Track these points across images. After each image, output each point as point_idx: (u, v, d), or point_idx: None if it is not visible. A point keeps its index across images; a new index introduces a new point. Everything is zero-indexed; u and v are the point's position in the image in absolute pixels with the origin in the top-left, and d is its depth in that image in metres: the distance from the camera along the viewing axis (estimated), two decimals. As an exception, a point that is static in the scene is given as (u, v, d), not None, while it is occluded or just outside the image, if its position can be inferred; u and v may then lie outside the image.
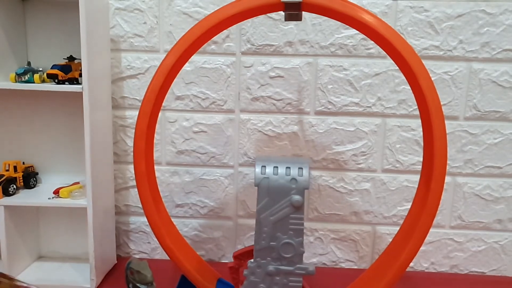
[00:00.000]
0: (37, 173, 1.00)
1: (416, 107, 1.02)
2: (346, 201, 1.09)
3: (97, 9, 0.89)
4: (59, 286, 0.91)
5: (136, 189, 1.09)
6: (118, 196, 1.10)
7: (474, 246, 1.10)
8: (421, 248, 1.09)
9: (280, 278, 0.71)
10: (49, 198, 0.91)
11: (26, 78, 0.86)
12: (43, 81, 0.90)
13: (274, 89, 1.04)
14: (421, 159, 1.03)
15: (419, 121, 1.04)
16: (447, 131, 1.04)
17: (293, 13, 0.78)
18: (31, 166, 0.99)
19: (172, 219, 1.10)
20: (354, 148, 1.06)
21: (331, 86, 1.04)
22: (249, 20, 1.01)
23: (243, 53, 1.03)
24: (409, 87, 0.99)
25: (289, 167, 0.69)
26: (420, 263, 1.12)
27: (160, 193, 1.08)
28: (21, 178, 0.95)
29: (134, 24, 1.02)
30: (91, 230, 0.90)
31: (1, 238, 0.91)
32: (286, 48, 1.02)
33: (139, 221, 1.11)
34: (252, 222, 1.11)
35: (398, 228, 1.06)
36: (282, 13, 1.00)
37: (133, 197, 1.10)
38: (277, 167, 0.69)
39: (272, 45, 1.02)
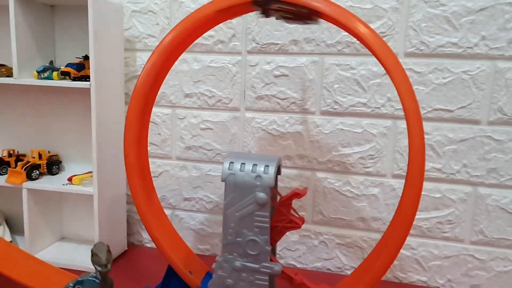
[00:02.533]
0: (60, 162, 1.10)
1: (430, 109, 0.96)
2: (353, 205, 1.05)
3: (108, 13, 0.96)
4: (69, 265, 1.00)
5: (149, 182, 1.16)
6: (133, 187, 1.17)
7: (499, 266, 0.99)
8: (436, 263, 1.02)
9: (246, 275, 0.71)
10: (63, 184, 1.00)
11: (46, 75, 0.96)
12: (63, 78, 0.99)
13: (279, 88, 1.04)
14: (437, 165, 0.97)
15: (434, 124, 0.97)
16: (466, 136, 0.96)
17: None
18: (55, 155, 1.10)
19: (180, 212, 1.15)
20: (362, 150, 1.02)
21: (337, 85, 1.01)
22: (255, 19, 1.02)
23: (249, 52, 1.04)
24: (422, 88, 0.93)
25: (256, 164, 0.69)
26: (435, 278, 1.03)
27: (168, 187, 1.13)
28: (45, 165, 1.06)
29: (147, 25, 1.08)
30: (97, 215, 0.97)
31: (24, 217, 1.02)
32: (291, 47, 1.01)
33: (151, 212, 1.17)
34: (257, 220, 1.11)
35: (408, 238, 1.00)
36: (285, 11, 1.00)
37: (147, 189, 1.16)
38: (244, 163, 0.69)
39: (277, 44, 1.02)
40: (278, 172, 0.75)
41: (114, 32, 0.99)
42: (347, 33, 0.98)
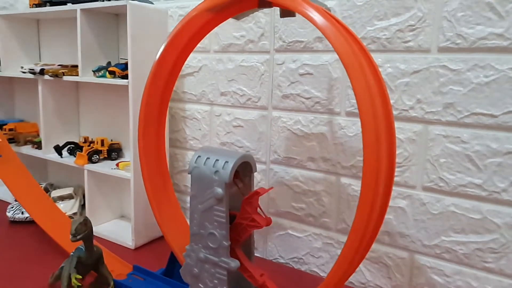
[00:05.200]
0: (120, 149, 1.27)
1: (468, 113, 0.82)
2: (378, 217, 0.95)
3: (151, 18, 1.07)
4: (111, 238, 1.15)
5: (192, 173, 1.25)
6: (179, 177, 1.28)
7: (563, 315, 0.79)
8: (475, 296, 0.86)
9: (208, 267, 0.73)
10: (111, 169, 1.15)
11: (100, 74, 1.12)
12: (113, 77, 1.14)
13: (303, 87, 1.01)
14: (476, 181, 0.82)
15: (473, 131, 0.82)
16: (514, 148, 0.79)
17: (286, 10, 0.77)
18: (117, 143, 1.27)
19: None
20: (387, 157, 0.92)
21: (362, 85, 0.93)
22: (281, 17, 1.01)
23: (276, 51, 1.03)
24: (458, 88, 0.81)
25: (218, 160, 0.70)
26: (474, 315, 0.87)
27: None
28: (106, 151, 1.24)
29: (191, 28, 1.16)
30: (132, 197, 1.09)
31: (86, 194, 1.21)
32: (316, 44, 0.97)
33: (193, 201, 1.26)
34: (282, 221, 1.09)
35: (441, 263, 0.88)
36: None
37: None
38: (209, 158, 0.71)
39: (302, 42, 0.99)
40: (250, 169, 0.74)
41: (157, 35, 1.09)
42: (372, 28, 0.90)
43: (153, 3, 1.10)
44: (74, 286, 0.74)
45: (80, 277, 0.75)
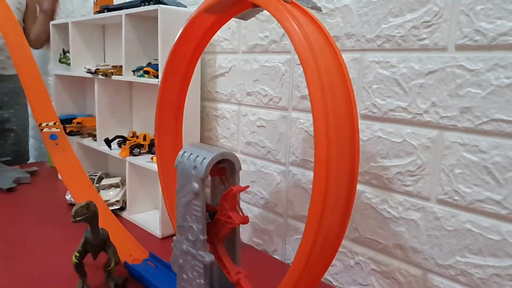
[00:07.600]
0: (160, 144, 1.36)
1: (487, 119, 0.73)
2: (390, 229, 0.88)
3: (183, 20, 1.13)
4: (144, 226, 1.24)
5: (223, 171, 1.28)
6: (211, 174, 1.32)
7: None
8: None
9: (189, 258, 0.75)
10: (147, 162, 1.24)
11: (139, 74, 1.22)
12: (154, 77, 1.23)
13: (320, 88, 0.97)
14: (495, 196, 0.74)
15: (492, 139, 0.72)
16: (540, 161, 0.67)
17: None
18: (157, 139, 1.36)
19: (241, 203, 1.23)
20: (400, 164, 0.85)
21: (376, 86, 0.87)
22: (301, 17, 0.99)
23: (296, 51, 1.02)
24: (476, 91, 0.74)
25: (198, 156, 0.72)
26: None
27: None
28: (147, 145, 1.33)
29: (222, 29, 1.20)
30: (160, 190, 1.17)
31: (127, 184, 1.32)
32: (332, 44, 0.94)
33: (222, 198, 1.29)
34: (300, 225, 1.07)
35: (456, 286, 0.81)
36: (328, 6, 0.95)
37: (220, 177, 1.29)
38: (192, 154, 0.73)
39: (319, 41, 0.96)
40: (234, 167, 0.75)
41: (189, 37, 1.15)
42: (387, 25, 0.84)
43: (186, 6, 1.17)
44: (73, 262, 0.83)
45: (78, 255, 0.83)
